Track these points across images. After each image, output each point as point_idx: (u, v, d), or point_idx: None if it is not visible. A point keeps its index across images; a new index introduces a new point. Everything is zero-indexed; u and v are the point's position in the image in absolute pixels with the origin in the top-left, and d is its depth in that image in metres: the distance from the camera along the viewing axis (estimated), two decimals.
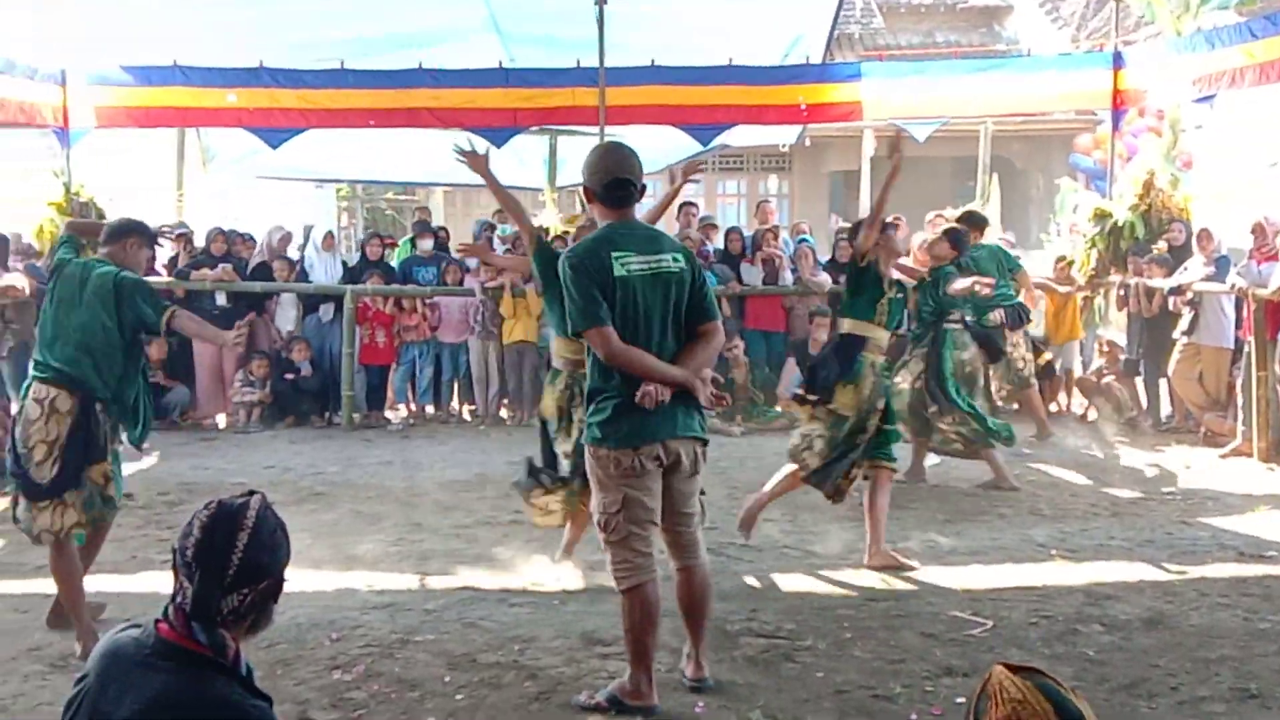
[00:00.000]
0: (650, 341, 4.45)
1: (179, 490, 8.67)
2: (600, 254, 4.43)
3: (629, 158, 4.61)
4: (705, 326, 4.57)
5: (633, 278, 4.42)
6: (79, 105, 11.79)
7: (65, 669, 4.96)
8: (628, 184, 4.55)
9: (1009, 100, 12.83)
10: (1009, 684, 2.14)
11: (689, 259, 4.59)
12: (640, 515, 4.52)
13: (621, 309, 4.41)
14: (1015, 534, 7.33)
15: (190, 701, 2.36)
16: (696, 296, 4.55)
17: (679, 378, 4.43)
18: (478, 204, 23.64)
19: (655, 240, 4.60)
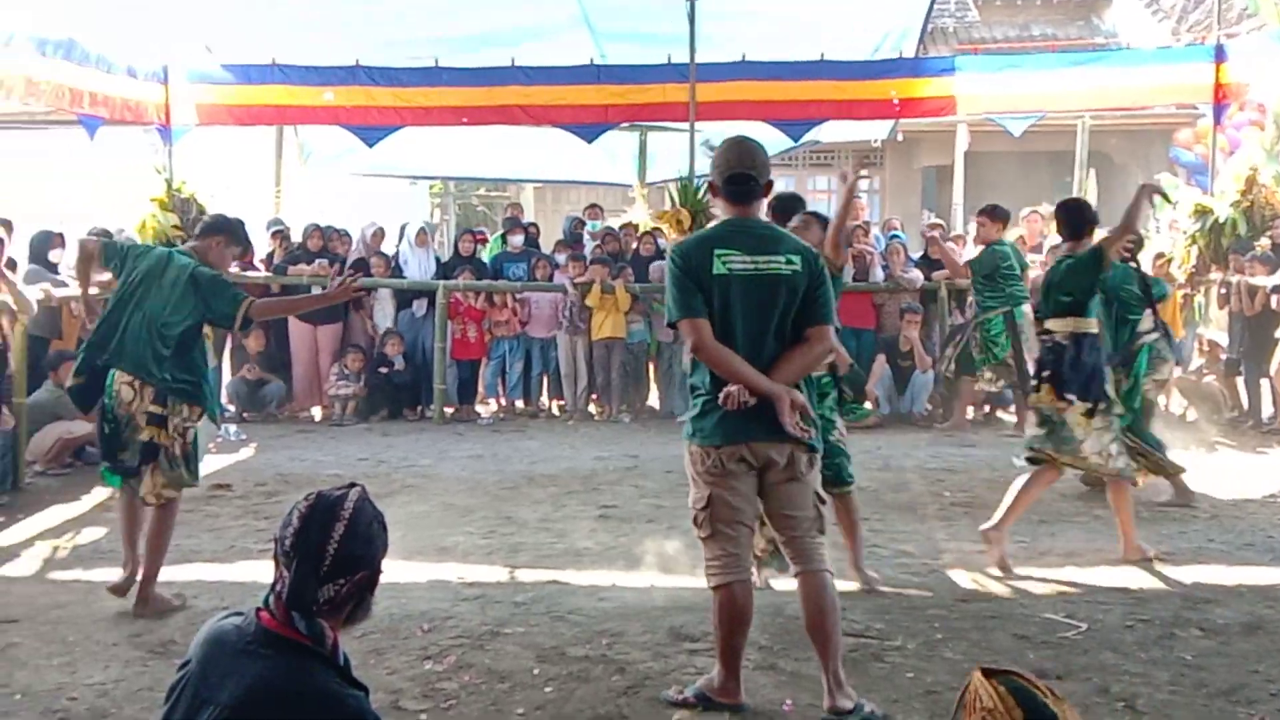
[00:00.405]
0: (747, 342, 4.36)
1: (276, 481, 8.85)
2: (704, 250, 4.41)
3: (752, 152, 4.52)
4: (811, 330, 4.42)
5: (733, 276, 4.36)
6: (181, 103, 12.07)
7: (165, 655, 5.08)
8: (747, 179, 4.46)
9: (1107, 94, 12.59)
10: (982, 691, 2.13)
11: (807, 261, 4.43)
12: (725, 515, 4.46)
13: (719, 307, 4.36)
14: (1111, 536, 7.19)
15: (289, 689, 2.41)
16: (809, 299, 4.41)
17: (764, 388, 4.30)
18: (568, 200, 23.79)
19: (769, 240, 4.47)
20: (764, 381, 4.30)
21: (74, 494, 8.45)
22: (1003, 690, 2.11)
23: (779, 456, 4.42)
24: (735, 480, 4.44)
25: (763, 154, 4.56)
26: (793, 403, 4.30)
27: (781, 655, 5.14)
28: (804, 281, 4.40)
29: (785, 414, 4.28)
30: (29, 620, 5.63)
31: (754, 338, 4.37)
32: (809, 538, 4.54)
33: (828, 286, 4.50)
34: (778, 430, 4.31)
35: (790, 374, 4.37)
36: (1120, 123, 19.34)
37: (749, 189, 4.48)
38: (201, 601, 5.88)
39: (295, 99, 12.33)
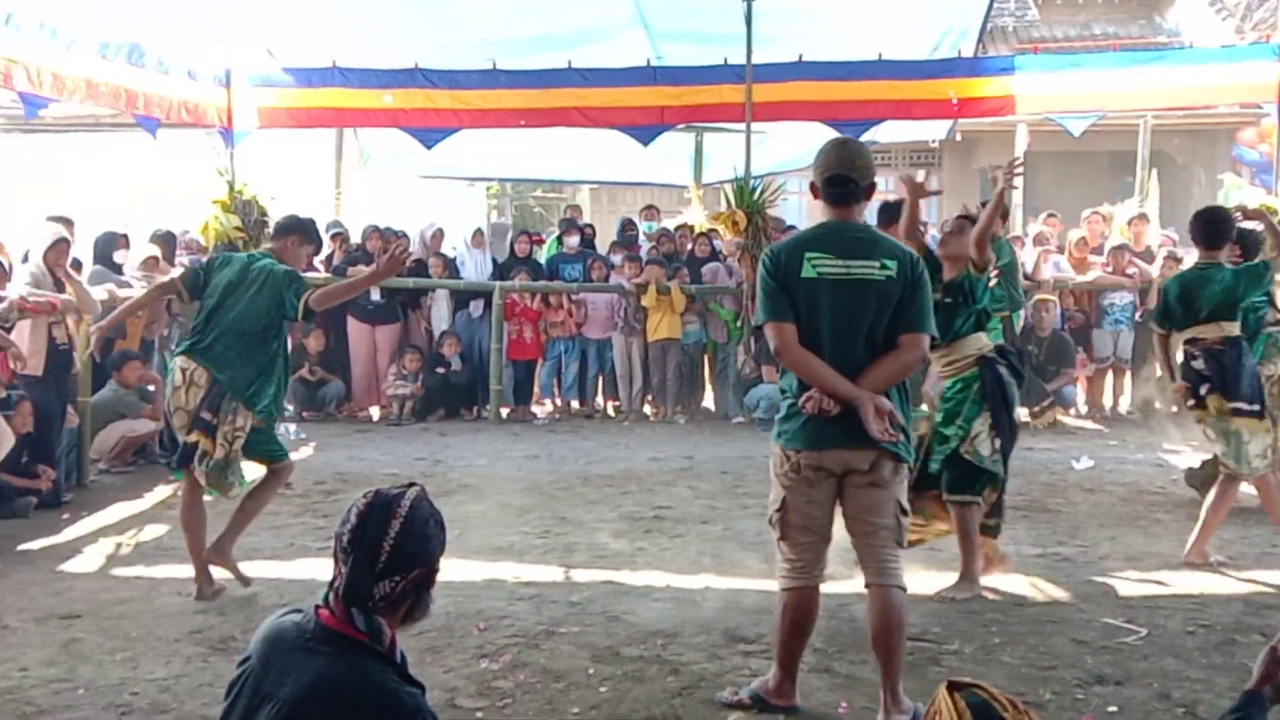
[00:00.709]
0: (833, 347, 4.30)
1: (334, 480, 8.94)
2: (795, 253, 4.36)
3: (853, 154, 4.45)
4: (904, 338, 4.32)
5: (822, 280, 4.30)
6: (242, 106, 12.21)
7: (226, 651, 5.15)
8: (844, 181, 4.37)
9: (1169, 93, 12.38)
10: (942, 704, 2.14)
11: (904, 266, 4.32)
12: (796, 520, 4.44)
13: (806, 311, 4.32)
14: (1172, 540, 7.10)
15: (348, 686, 2.44)
16: (904, 305, 4.31)
17: (846, 393, 4.23)
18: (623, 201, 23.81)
19: (864, 244, 4.37)
20: (846, 386, 4.24)
21: (137, 491, 8.59)
22: (962, 705, 2.12)
23: (861, 463, 4.34)
24: (811, 487, 4.40)
25: (865, 156, 4.48)
26: (877, 408, 4.21)
27: (837, 658, 5.12)
28: (899, 287, 4.30)
29: (868, 419, 4.19)
30: (92, 615, 5.74)
31: (841, 343, 4.31)
32: (885, 548, 4.44)
33: (925, 293, 4.39)
34: (861, 436, 4.23)
35: (877, 381, 4.28)
36: (1183, 122, 19.08)
37: (847, 191, 4.39)
38: (261, 598, 5.96)
39: (355, 102, 12.42)
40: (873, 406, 4.20)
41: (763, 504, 8.03)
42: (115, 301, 9.30)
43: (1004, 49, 20.34)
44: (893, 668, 4.40)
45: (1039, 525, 7.49)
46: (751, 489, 8.58)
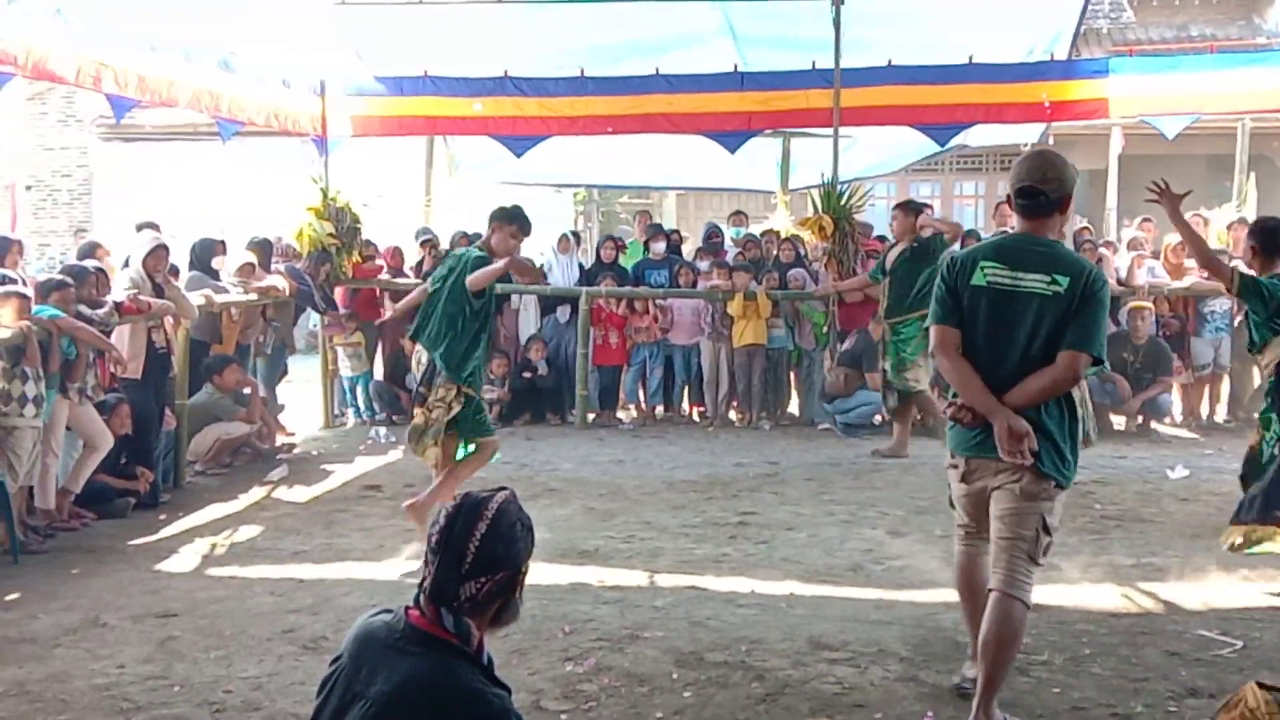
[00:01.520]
0: (987, 356, 4.33)
1: (423, 483, 8.93)
2: (972, 260, 4.41)
3: (1045, 166, 4.37)
4: (1062, 355, 4.23)
5: (988, 289, 4.33)
6: (336, 115, 12.41)
7: (317, 651, 5.24)
8: (1034, 193, 4.33)
9: (1268, 95, 12.09)
10: (1251, 695, 2.11)
11: (1077, 282, 4.23)
12: (961, 520, 4.66)
13: (968, 317, 4.37)
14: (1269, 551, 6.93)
15: (436, 686, 2.48)
16: (1070, 321, 4.23)
17: (985, 408, 4.28)
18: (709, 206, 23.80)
19: (1041, 257, 4.31)
20: (987, 401, 4.28)
21: (231, 493, 8.77)
22: (1269, 698, 2.10)
23: (989, 473, 4.40)
24: (963, 488, 4.55)
25: (1059, 168, 4.37)
26: (1013, 430, 4.20)
27: (923, 667, 5.08)
28: (1065, 303, 4.23)
29: (1002, 438, 4.22)
30: (188, 614, 5.87)
31: (995, 353, 4.33)
32: (1018, 559, 4.36)
33: (1097, 312, 4.27)
34: (990, 448, 4.30)
35: (1023, 397, 4.26)
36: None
37: (1035, 204, 4.36)
38: (352, 599, 6.04)
39: (445, 110, 12.58)
40: (1007, 426, 4.21)
41: (848, 510, 8.05)
42: (213, 306, 9.53)
43: (1098, 51, 19.99)
44: (993, 679, 4.34)
45: (1132, 534, 7.36)
46: (837, 495, 8.55)
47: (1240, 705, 2.11)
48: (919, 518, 7.85)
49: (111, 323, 7.91)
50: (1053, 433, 4.29)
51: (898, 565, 6.75)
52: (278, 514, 8.17)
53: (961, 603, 4.79)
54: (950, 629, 5.55)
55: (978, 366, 4.34)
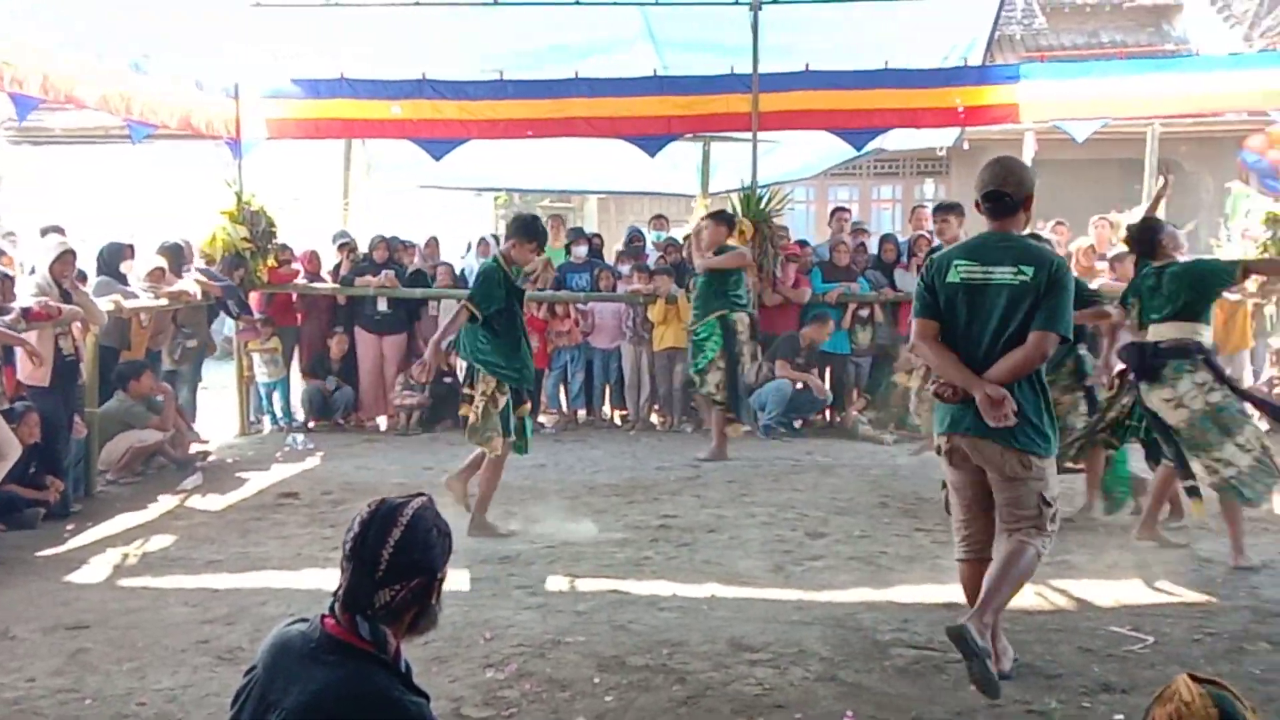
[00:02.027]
0: (965, 342, 4.79)
1: (342, 490, 8.95)
2: (948, 259, 4.90)
3: (1006, 172, 4.88)
4: (1031, 335, 4.68)
5: (962, 284, 4.79)
6: (251, 117, 12.23)
7: (232, 661, 5.15)
8: (997, 196, 4.83)
9: (1177, 101, 12.37)
10: (1184, 688, 2.14)
11: (1041, 270, 4.69)
12: (953, 497, 5.02)
13: (946, 310, 4.84)
14: (1180, 548, 7.09)
15: (352, 695, 2.45)
16: (1036, 306, 4.68)
17: (964, 382, 4.73)
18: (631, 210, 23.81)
19: (1010, 253, 4.77)
20: (965, 375, 4.74)
21: (144, 502, 8.61)
22: (1203, 691, 2.13)
23: (993, 456, 4.78)
24: (954, 467, 4.93)
25: (1019, 172, 4.92)
26: (992, 397, 4.62)
27: (843, 667, 5.12)
28: (1033, 291, 4.68)
29: (984, 408, 4.65)
30: (99, 626, 5.75)
31: (971, 339, 4.79)
32: (1024, 530, 4.81)
33: (1060, 296, 4.71)
34: (984, 426, 4.70)
35: (999, 374, 4.70)
36: (1191, 130, 19.04)
37: (1001, 206, 4.85)
38: (269, 608, 5.96)
39: (363, 113, 12.44)
40: (986, 394, 4.64)
41: (769, 512, 8.09)
42: (122, 312, 9.34)
43: (1012, 57, 20.31)
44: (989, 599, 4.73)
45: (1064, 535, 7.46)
46: (758, 497, 8.59)
47: (1175, 699, 2.13)
48: (839, 518, 7.92)
49: (18, 329, 7.72)
50: (1025, 408, 4.71)
51: (818, 566, 6.80)
52: (192, 523, 8.03)
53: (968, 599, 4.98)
54: (869, 628, 5.61)
55: (958, 354, 4.80)
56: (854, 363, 11.96)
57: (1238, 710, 2.10)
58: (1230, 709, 2.09)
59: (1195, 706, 2.10)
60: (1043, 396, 4.82)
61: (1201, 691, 2.12)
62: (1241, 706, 2.11)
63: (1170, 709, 2.13)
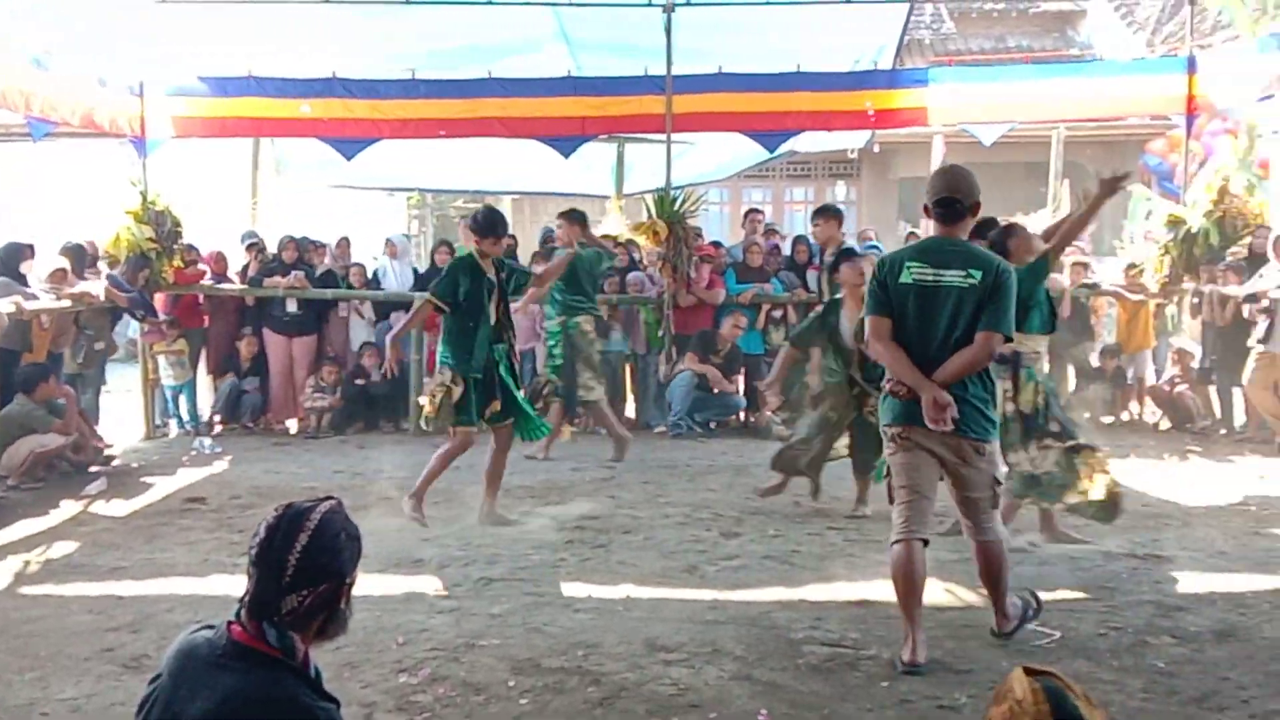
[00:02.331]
0: (916, 342, 5.06)
1: (250, 494, 8.80)
2: (899, 261, 5.16)
3: (958, 180, 5.18)
4: (979, 335, 4.99)
5: (914, 285, 5.06)
6: (156, 115, 12.01)
7: (137, 670, 5.04)
8: (950, 202, 5.11)
9: (1081, 105, 12.66)
10: (1017, 684, 2.17)
11: (989, 274, 5.00)
12: (902, 482, 5.18)
13: (898, 310, 5.10)
14: (1085, 544, 7.23)
15: (260, 702, 2.41)
16: (983, 308, 4.98)
17: (913, 383, 5.01)
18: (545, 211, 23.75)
19: (958, 257, 5.07)
20: (915, 376, 5.02)
21: (46, 508, 8.41)
22: (1036, 686, 2.15)
23: (946, 445, 5.10)
24: (908, 454, 5.14)
25: (968, 180, 5.18)
26: (937, 400, 4.92)
27: (757, 665, 5.14)
28: (980, 293, 4.99)
29: (928, 409, 4.95)
30: (1, 634, 5.59)
31: (922, 339, 5.06)
32: (983, 514, 5.25)
33: (1005, 299, 5.02)
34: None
35: (946, 373, 5.00)
36: (1094, 134, 19.47)
37: (952, 211, 5.13)
38: (175, 615, 5.84)
39: (271, 111, 12.27)
40: (933, 399, 4.94)
41: (683, 512, 8.11)
42: (22, 314, 9.11)
43: (921, 61, 20.64)
44: (998, 595, 5.37)
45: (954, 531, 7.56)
46: (672, 497, 8.61)
47: (1009, 697, 2.16)
48: (753, 518, 7.97)
49: None
50: (974, 400, 5.07)
51: (732, 565, 6.83)
52: (96, 529, 7.85)
53: (898, 596, 5.17)
54: (783, 626, 5.64)
55: (910, 351, 5.06)
56: (768, 363, 12.01)
57: (1069, 700, 2.14)
58: (1062, 699, 2.13)
59: (1027, 703, 2.13)
60: (989, 387, 5.19)
61: (1034, 685, 2.15)
62: (1074, 695, 2.15)
63: (1005, 707, 2.16)
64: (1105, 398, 12.06)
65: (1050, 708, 2.12)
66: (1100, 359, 12.00)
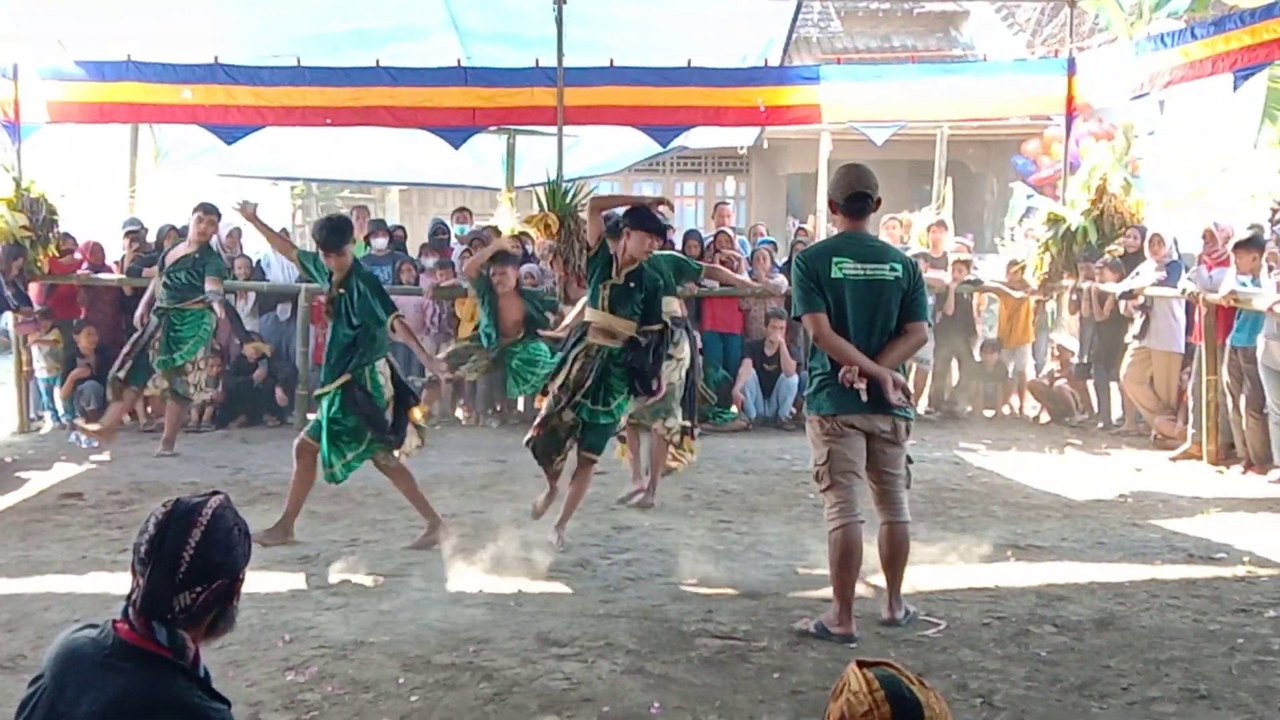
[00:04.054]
0: (857, 333, 5.32)
1: (130, 490, 8.57)
2: (824, 257, 5.39)
3: (866, 176, 5.48)
4: (909, 325, 5.43)
5: (846, 280, 5.32)
6: (30, 100, 11.62)
7: (14, 670, 4.89)
8: (865, 197, 5.42)
9: (965, 105, 12.91)
10: (853, 678, 2.21)
11: (908, 270, 5.44)
12: (841, 467, 5.38)
13: (834, 304, 5.33)
14: (968, 535, 7.38)
15: (150, 703, 2.34)
16: (907, 300, 5.40)
17: (871, 370, 5.26)
18: (434, 203, 23.56)
19: (878, 251, 5.49)
20: (871, 364, 5.28)
21: None
22: (869, 675, 2.18)
23: (884, 425, 5.41)
24: (847, 440, 5.40)
25: (874, 178, 5.51)
26: (894, 382, 5.28)
27: (649, 659, 5.15)
28: (904, 285, 5.40)
29: (888, 391, 5.25)
30: None
31: (863, 329, 5.34)
32: (899, 492, 5.55)
33: (923, 290, 5.56)
34: (881, 404, 5.29)
35: (893, 359, 5.40)
36: (977, 133, 19.89)
37: (865, 207, 5.45)
38: (52, 614, 5.67)
39: (151, 97, 11.94)
40: (891, 380, 5.27)
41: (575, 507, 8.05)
42: None
43: (809, 59, 20.84)
44: (898, 580, 5.62)
45: None
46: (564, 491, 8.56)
47: (845, 691, 2.20)
48: (644, 512, 7.98)
49: None
50: (905, 385, 5.48)
51: (624, 559, 6.84)
52: None
53: (845, 573, 5.39)
54: (675, 620, 5.66)
55: (850, 341, 5.32)
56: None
57: (903, 685, 2.18)
58: (897, 688, 2.18)
59: (862, 693, 2.17)
60: (905, 370, 5.67)
61: (869, 677, 2.19)
62: (908, 681, 2.20)
63: (841, 702, 2.20)
64: (987, 391, 12.34)
65: (885, 694, 2.16)
66: (981, 354, 12.26)
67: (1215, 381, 9.59)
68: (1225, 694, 4.79)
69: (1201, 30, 10.58)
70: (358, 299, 7.03)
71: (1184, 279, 10.08)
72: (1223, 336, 9.55)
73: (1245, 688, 4.86)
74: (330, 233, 7.09)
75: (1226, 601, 6.05)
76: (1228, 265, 9.61)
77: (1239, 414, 9.43)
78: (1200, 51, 10.33)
